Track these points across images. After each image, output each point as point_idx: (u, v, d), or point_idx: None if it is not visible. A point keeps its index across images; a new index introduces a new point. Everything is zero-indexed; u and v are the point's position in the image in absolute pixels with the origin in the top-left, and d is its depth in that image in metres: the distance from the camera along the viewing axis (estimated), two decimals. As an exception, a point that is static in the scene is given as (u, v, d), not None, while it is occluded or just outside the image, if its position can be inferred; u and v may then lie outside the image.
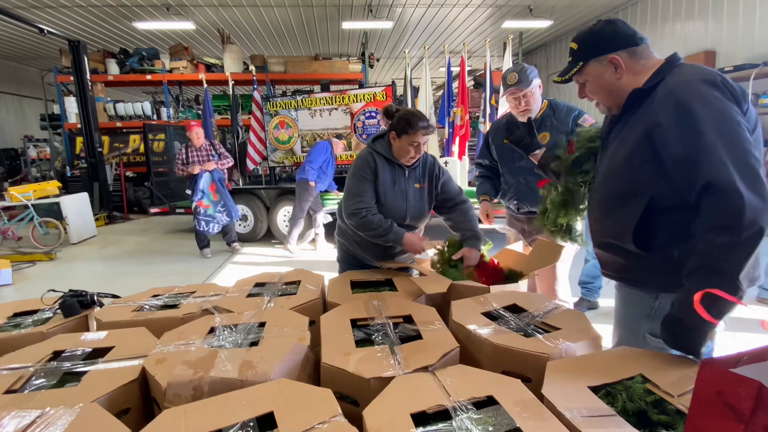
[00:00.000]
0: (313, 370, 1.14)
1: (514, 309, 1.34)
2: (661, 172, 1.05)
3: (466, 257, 1.81)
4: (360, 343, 1.12)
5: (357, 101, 5.80)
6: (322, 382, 1.04)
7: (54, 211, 6.15)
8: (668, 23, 7.69)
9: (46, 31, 7.00)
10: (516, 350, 1.06)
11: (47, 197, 6.11)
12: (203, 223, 4.90)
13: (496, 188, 2.35)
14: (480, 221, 2.10)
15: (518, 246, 2.00)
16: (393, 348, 1.08)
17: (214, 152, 5.06)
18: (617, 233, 1.15)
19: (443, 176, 1.97)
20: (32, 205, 5.84)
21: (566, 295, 2.15)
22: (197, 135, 4.94)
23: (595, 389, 0.91)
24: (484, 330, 1.15)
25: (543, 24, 9.11)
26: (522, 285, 1.64)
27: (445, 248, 1.90)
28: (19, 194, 5.79)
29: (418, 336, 1.14)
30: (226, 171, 5.17)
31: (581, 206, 1.46)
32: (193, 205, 4.87)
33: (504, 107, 5.32)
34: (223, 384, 0.96)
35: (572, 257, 2.18)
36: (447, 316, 1.34)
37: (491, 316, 1.28)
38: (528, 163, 2.02)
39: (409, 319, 1.26)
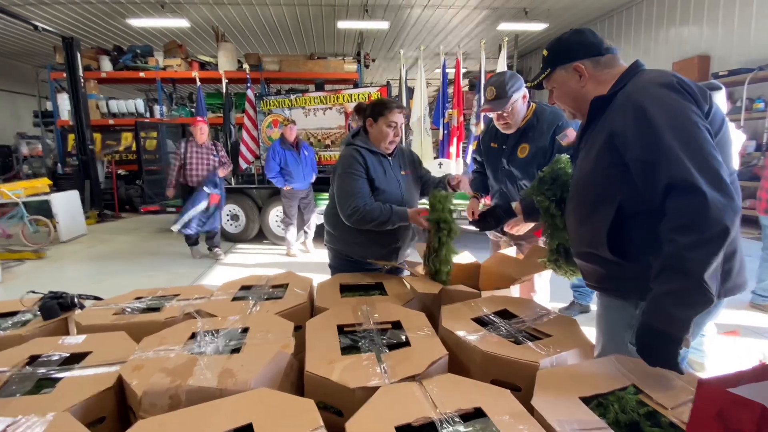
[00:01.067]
0: (296, 378, 1.11)
1: (505, 315, 1.31)
2: (626, 177, 1.06)
3: (461, 181, 1.90)
4: (346, 350, 1.09)
5: (352, 101, 5.76)
6: (306, 391, 1.01)
7: (44, 209, 6.05)
8: (663, 28, 7.73)
9: (40, 28, 6.90)
10: (505, 358, 1.03)
11: (37, 195, 6.02)
12: (191, 223, 4.74)
13: (487, 188, 2.32)
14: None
15: (512, 251, 1.97)
16: (380, 356, 1.05)
17: (215, 152, 4.90)
18: (592, 241, 1.16)
19: (419, 162, 2.08)
20: (22, 202, 5.75)
21: (543, 302, 2.11)
22: (201, 131, 4.80)
23: (586, 400, 0.89)
24: (473, 337, 1.12)
25: (538, 27, 9.13)
26: (514, 290, 1.62)
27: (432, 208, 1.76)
28: (9, 191, 5.70)
29: (406, 343, 1.11)
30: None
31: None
32: (201, 206, 4.70)
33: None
34: (202, 393, 0.92)
35: None
36: (438, 320, 1.32)
37: (482, 321, 1.25)
38: (509, 170, 2.07)
39: (398, 325, 1.23)
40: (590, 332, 1.18)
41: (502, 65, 5.43)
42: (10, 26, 8.85)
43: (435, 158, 5.76)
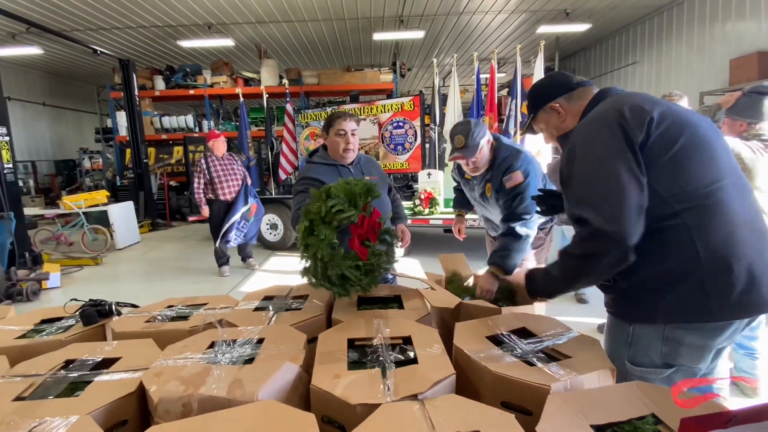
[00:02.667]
0: (305, 391, 1.12)
1: (523, 333, 1.27)
2: None
3: (403, 231, 1.98)
4: (353, 365, 1.09)
5: (385, 111, 5.82)
6: (312, 404, 1.02)
7: (102, 219, 6.57)
8: (717, 23, 7.21)
9: (99, 52, 7.55)
10: (515, 380, 0.99)
11: (96, 205, 6.54)
12: (234, 235, 4.80)
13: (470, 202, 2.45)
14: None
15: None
16: (386, 372, 1.04)
17: (236, 161, 4.88)
18: None
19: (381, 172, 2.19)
20: (83, 212, 6.26)
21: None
22: (221, 143, 4.73)
23: (598, 428, 0.84)
24: (484, 356, 1.09)
25: (581, 28, 8.81)
26: (538, 307, 1.55)
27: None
28: (72, 203, 6.23)
29: (414, 360, 1.10)
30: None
31: None
32: (242, 212, 4.76)
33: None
34: (212, 402, 0.96)
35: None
36: (452, 335, 1.29)
37: (497, 340, 1.21)
38: (483, 204, 2.24)
39: (408, 341, 1.21)
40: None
41: (539, 69, 5.29)
42: (74, 51, 9.73)
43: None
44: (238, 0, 7.15)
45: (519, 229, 1.92)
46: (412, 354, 1.13)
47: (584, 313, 3.31)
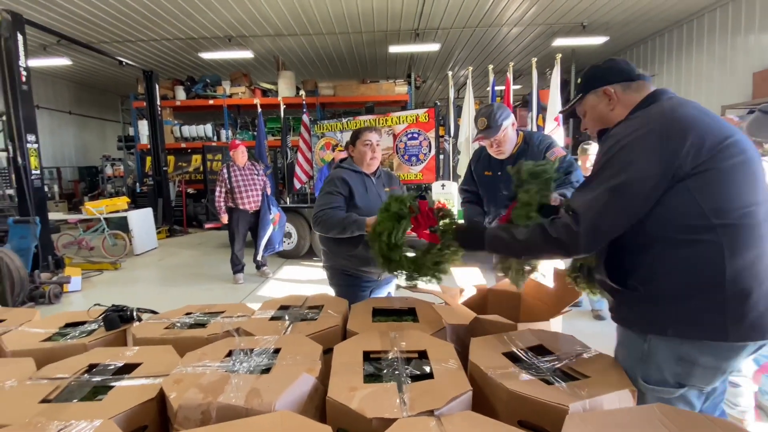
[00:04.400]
0: (321, 402, 1.13)
1: (540, 350, 1.25)
2: None
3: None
4: (369, 378, 1.10)
5: (400, 123, 5.86)
6: (328, 416, 1.02)
7: (122, 225, 6.73)
8: (740, 36, 7.10)
9: (124, 63, 7.81)
10: (533, 399, 0.98)
11: (117, 211, 6.71)
12: (272, 244, 5.07)
13: (484, 212, 2.43)
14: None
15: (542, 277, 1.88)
16: (401, 386, 1.04)
17: (257, 171, 4.98)
18: (597, 268, 1.26)
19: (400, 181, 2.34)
20: (104, 218, 6.43)
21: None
22: (242, 153, 4.85)
23: (618, 451, 0.82)
24: (501, 373, 1.08)
25: (597, 41, 8.77)
26: (554, 323, 1.54)
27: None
28: (94, 208, 6.40)
29: (430, 375, 1.10)
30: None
31: None
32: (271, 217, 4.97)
33: (550, 126, 5.14)
34: (230, 411, 0.97)
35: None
36: (467, 351, 1.29)
37: (514, 357, 1.21)
38: (510, 193, 2.08)
39: (423, 355, 1.21)
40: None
41: (556, 81, 5.28)
42: (100, 62, 10.08)
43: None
44: (258, 13, 7.34)
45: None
46: (428, 368, 1.13)
47: (600, 330, 3.25)
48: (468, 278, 1.96)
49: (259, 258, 5.11)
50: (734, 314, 1.03)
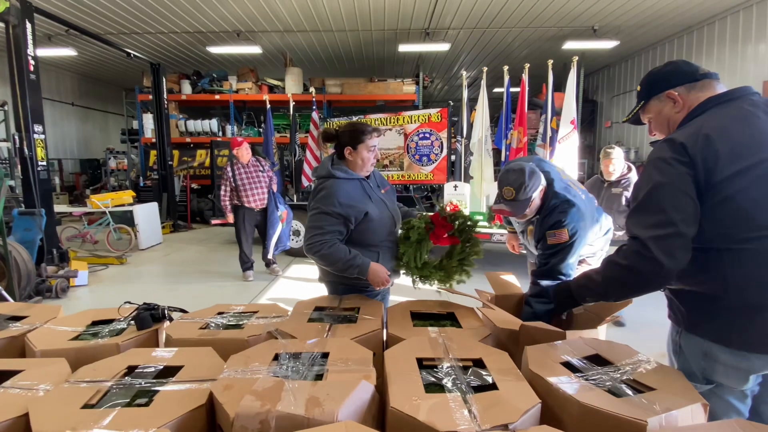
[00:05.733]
0: (377, 411, 1.08)
1: (597, 360, 1.21)
2: None
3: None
4: (428, 387, 1.05)
5: (412, 122, 5.82)
6: (389, 427, 0.98)
7: (127, 219, 6.66)
8: (750, 44, 7.09)
9: (132, 55, 7.73)
10: (607, 413, 0.94)
11: (123, 205, 6.63)
12: (282, 242, 5.03)
13: None
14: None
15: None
16: (465, 397, 1.00)
17: (262, 168, 4.82)
18: None
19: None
20: (109, 212, 6.35)
21: None
22: (245, 151, 4.70)
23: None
24: (567, 385, 1.04)
25: (608, 44, 8.74)
26: (601, 331, 1.50)
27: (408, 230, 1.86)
28: (99, 201, 6.33)
29: (492, 385, 1.05)
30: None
31: None
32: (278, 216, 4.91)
33: (566, 130, 5.10)
34: (290, 420, 0.93)
35: None
36: (520, 360, 1.24)
37: (571, 367, 1.16)
38: (522, 239, 2.24)
39: (479, 364, 1.17)
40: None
41: (571, 84, 5.23)
42: (106, 54, 9.98)
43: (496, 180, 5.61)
44: (268, 8, 7.27)
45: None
46: (489, 378, 1.08)
47: (621, 337, 3.20)
48: (502, 283, 1.91)
49: (270, 256, 5.06)
50: (740, 324, 1.11)
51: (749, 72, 7.09)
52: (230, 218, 4.83)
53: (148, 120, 9.47)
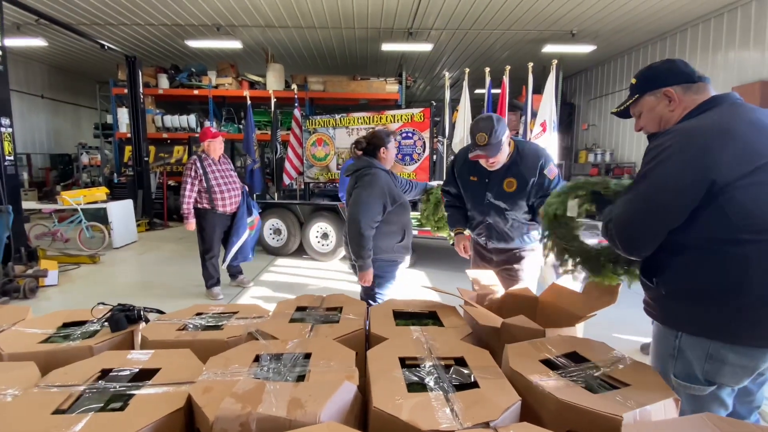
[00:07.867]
0: (359, 412, 1.08)
1: (575, 357, 1.24)
2: None
3: None
4: (411, 386, 1.06)
5: (395, 121, 5.82)
6: (372, 427, 0.98)
7: (100, 216, 6.44)
8: (721, 51, 7.38)
9: (107, 47, 7.47)
10: (584, 409, 0.96)
11: (96, 202, 6.41)
12: (244, 251, 4.26)
13: (467, 218, 2.42)
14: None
15: (567, 282, 1.88)
16: (447, 396, 1.00)
17: (230, 165, 4.18)
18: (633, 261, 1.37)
19: None
20: (81, 209, 6.13)
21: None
22: (220, 144, 4.00)
23: (681, 465, 0.81)
24: (546, 382, 1.06)
25: (586, 49, 8.95)
26: (579, 329, 1.53)
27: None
28: (71, 198, 6.10)
29: (473, 384, 1.06)
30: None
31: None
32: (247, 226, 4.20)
33: (536, 131, 5.20)
34: (271, 422, 0.91)
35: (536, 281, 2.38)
36: (500, 357, 1.26)
37: (551, 364, 1.19)
38: (497, 203, 2.18)
39: (461, 362, 1.18)
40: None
41: (550, 87, 5.34)
42: (77, 44, 9.61)
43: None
44: (249, 2, 7.14)
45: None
46: (470, 377, 1.09)
47: (622, 332, 3.27)
48: (484, 281, 1.94)
49: (226, 265, 4.29)
50: (752, 320, 1.10)
51: (719, 78, 7.37)
52: (192, 225, 3.95)
53: (123, 114, 9.16)
